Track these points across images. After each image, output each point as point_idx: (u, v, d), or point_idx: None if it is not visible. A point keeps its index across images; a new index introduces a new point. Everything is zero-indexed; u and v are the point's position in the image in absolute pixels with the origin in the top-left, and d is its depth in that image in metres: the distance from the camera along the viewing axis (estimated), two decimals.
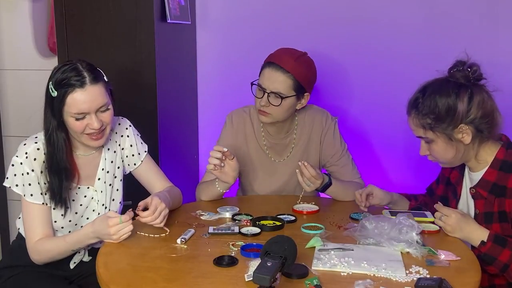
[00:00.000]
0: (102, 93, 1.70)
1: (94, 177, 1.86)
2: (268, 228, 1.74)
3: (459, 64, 1.71)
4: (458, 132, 1.68)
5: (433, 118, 1.68)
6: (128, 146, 1.94)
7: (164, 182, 1.98)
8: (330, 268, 1.44)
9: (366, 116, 2.83)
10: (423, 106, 1.70)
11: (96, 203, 1.87)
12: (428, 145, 1.75)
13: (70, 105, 1.67)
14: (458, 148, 1.71)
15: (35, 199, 1.75)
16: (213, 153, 1.94)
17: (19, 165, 1.74)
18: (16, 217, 1.96)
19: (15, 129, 2.99)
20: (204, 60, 2.95)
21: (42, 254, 1.76)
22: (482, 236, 1.63)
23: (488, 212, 1.71)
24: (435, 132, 1.70)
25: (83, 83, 1.66)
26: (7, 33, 2.93)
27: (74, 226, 1.85)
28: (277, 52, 2.08)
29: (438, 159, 1.77)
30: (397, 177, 2.85)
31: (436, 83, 1.72)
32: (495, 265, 1.62)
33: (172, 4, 2.52)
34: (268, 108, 2.04)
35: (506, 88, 2.57)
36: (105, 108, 1.72)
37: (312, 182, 1.97)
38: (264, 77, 2.04)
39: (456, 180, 1.85)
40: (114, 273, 1.46)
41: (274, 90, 2.01)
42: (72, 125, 1.70)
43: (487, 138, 1.71)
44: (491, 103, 1.69)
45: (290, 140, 2.19)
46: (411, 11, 2.67)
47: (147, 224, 1.70)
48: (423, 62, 2.66)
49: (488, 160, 1.72)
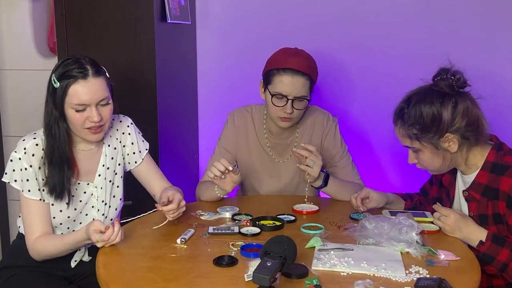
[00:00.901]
0: (104, 86, 1.73)
1: (94, 174, 1.87)
2: (268, 228, 1.74)
3: (442, 72, 1.70)
4: (444, 141, 1.68)
5: (419, 129, 1.68)
6: (129, 144, 1.95)
7: (164, 183, 1.98)
8: (330, 268, 1.44)
9: (366, 116, 2.83)
10: (409, 116, 1.70)
11: (95, 200, 1.87)
12: (415, 154, 1.75)
13: (72, 96, 1.68)
14: (445, 156, 1.71)
15: (32, 195, 1.76)
16: (217, 165, 1.92)
17: (17, 160, 1.75)
18: (16, 217, 1.96)
19: (15, 129, 2.99)
20: (204, 60, 2.95)
21: (40, 252, 1.76)
22: (481, 236, 1.63)
23: (483, 214, 1.71)
24: (421, 142, 1.70)
25: (85, 75, 1.69)
26: (7, 33, 2.93)
27: (72, 223, 1.85)
28: (282, 56, 2.04)
29: (426, 167, 1.78)
30: (397, 177, 2.85)
31: (421, 92, 1.72)
32: (494, 264, 1.62)
33: (172, 4, 2.52)
34: (292, 113, 2.03)
35: (507, 87, 2.59)
36: (105, 102, 1.74)
37: (314, 159, 1.94)
38: (283, 85, 2.00)
39: (449, 183, 1.85)
40: (114, 273, 1.46)
41: (298, 95, 2.00)
42: (73, 118, 1.71)
43: (475, 144, 1.70)
44: (475, 111, 1.68)
45: (291, 140, 2.19)
46: (412, 12, 2.67)
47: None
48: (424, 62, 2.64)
49: (478, 164, 1.72)
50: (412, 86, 1.79)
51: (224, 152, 2.18)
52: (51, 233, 1.80)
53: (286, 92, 2.00)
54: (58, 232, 1.85)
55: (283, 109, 2.02)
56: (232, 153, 2.19)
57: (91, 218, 1.87)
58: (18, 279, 1.81)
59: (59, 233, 1.85)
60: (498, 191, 1.66)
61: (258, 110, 2.21)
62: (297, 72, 1.99)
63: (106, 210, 1.90)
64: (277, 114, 2.05)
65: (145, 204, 2.11)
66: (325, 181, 2.03)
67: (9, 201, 3.04)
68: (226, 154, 2.17)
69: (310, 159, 1.95)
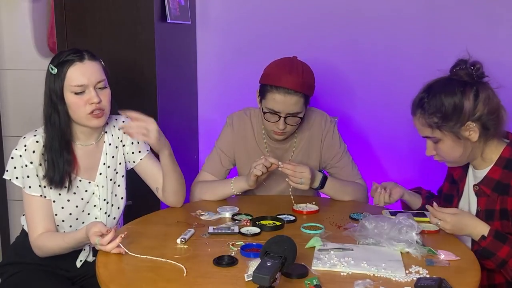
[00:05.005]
0: (100, 70, 1.79)
1: (95, 172, 1.88)
2: (268, 228, 1.74)
3: (461, 62, 1.72)
4: (465, 129, 1.68)
5: (440, 117, 1.68)
6: (129, 143, 1.96)
7: None
8: (330, 268, 1.44)
9: (367, 116, 2.83)
10: (429, 105, 1.69)
11: (97, 199, 1.88)
12: (434, 145, 1.75)
13: (70, 79, 1.73)
14: (465, 146, 1.71)
15: (33, 191, 1.78)
16: (265, 162, 1.94)
17: (18, 157, 1.77)
18: (16, 217, 1.97)
19: (15, 129, 2.99)
20: (204, 60, 2.96)
21: (42, 249, 1.78)
22: (483, 231, 1.64)
23: (490, 209, 1.72)
24: (442, 131, 1.70)
25: (82, 57, 1.75)
26: (7, 33, 2.93)
27: (75, 221, 1.86)
28: (277, 71, 1.99)
29: (445, 158, 1.77)
30: (397, 178, 2.85)
31: (440, 82, 1.72)
32: (493, 260, 1.63)
33: (172, 4, 2.52)
34: (285, 129, 2.03)
35: (509, 87, 2.59)
36: (103, 85, 1.78)
37: (300, 176, 1.94)
38: (276, 102, 1.98)
39: (459, 177, 1.86)
40: (114, 273, 1.46)
41: (291, 112, 1.99)
42: (73, 102, 1.74)
43: (493, 136, 1.71)
44: (496, 100, 1.70)
45: (290, 144, 2.19)
46: (410, 11, 2.67)
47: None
48: (423, 61, 2.67)
49: (493, 158, 1.73)
50: (412, 86, 1.79)
51: (222, 154, 2.18)
52: (53, 231, 1.81)
53: (278, 109, 1.98)
54: (61, 231, 1.85)
55: (276, 124, 2.02)
56: (229, 156, 2.19)
57: (94, 218, 1.88)
58: (21, 277, 1.82)
59: (62, 231, 1.85)
60: (509, 186, 1.67)
61: (257, 114, 2.20)
62: (290, 91, 1.95)
63: (109, 209, 1.90)
64: (270, 128, 2.05)
65: (145, 204, 2.12)
66: (322, 183, 2.04)
67: (9, 201, 3.04)
68: (223, 157, 2.18)
69: (294, 177, 1.95)
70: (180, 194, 1.97)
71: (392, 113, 2.78)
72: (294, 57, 2.07)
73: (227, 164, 2.19)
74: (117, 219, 1.95)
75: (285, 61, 2.04)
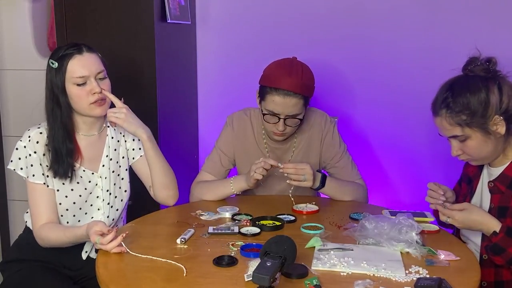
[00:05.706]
0: (99, 61, 1.84)
1: (98, 163, 1.91)
2: (268, 228, 1.74)
3: (473, 60, 1.72)
4: (493, 124, 1.68)
5: (468, 114, 1.67)
6: (130, 139, 2.00)
7: None
8: (330, 268, 1.44)
9: (367, 116, 2.83)
10: (455, 104, 1.69)
11: (100, 190, 1.91)
12: (461, 144, 1.74)
13: (71, 71, 1.78)
14: (493, 142, 1.71)
15: (36, 179, 1.82)
16: (265, 165, 1.94)
17: (22, 148, 1.82)
18: (16, 217, 1.97)
19: (15, 129, 2.99)
20: (204, 60, 2.96)
21: (44, 240, 1.81)
22: (495, 227, 1.65)
23: (503, 206, 1.72)
24: (472, 128, 1.69)
25: (80, 50, 1.81)
26: (7, 33, 2.93)
27: (79, 211, 1.89)
28: (276, 72, 1.99)
29: (473, 156, 1.76)
30: (397, 178, 2.85)
31: (462, 80, 1.73)
32: (503, 256, 1.64)
33: (172, 4, 2.52)
34: (284, 130, 2.03)
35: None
36: (103, 76, 1.84)
37: (302, 173, 1.95)
38: (275, 104, 1.97)
39: (474, 174, 1.86)
40: (114, 273, 1.46)
41: (290, 114, 1.99)
42: (76, 94, 1.79)
43: None
44: None
45: (290, 144, 2.19)
46: (410, 11, 2.67)
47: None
48: (423, 62, 2.67)
49: (510, 156, 1.74)
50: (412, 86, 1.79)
51: (222, 154, 2.18)
52: (56, 222, 1.84)
53: (277, 111, 1.98)
54: (64, 221, 1.88)
55: (275, 126, 2.02)
56: (229, 156, 2.19)
57: (97, 209, 1.91)
58: (23, 274, 1.83)
59: (65, 221, 1.88)
60: None
61: (257, 114, 2.20)
62: (289, 93, 1.95)
63: (112, 200, 1.93)
64: (270, 129, 2.06)
65: (145, 204, 2.12)
66: (322, 183, 2.04)
67: (9, 201, 3.03)
68: (223, 157, 2.18)
69: (297, 174, 1.95)
70: (171, 188, 1.98)
71: (392, 113, 2.78)
72: (294, 58, 2.06)
73: (227, 164, 2.19)
74: (120, 211, 1.97)
75: (284, 62, 2.03)
